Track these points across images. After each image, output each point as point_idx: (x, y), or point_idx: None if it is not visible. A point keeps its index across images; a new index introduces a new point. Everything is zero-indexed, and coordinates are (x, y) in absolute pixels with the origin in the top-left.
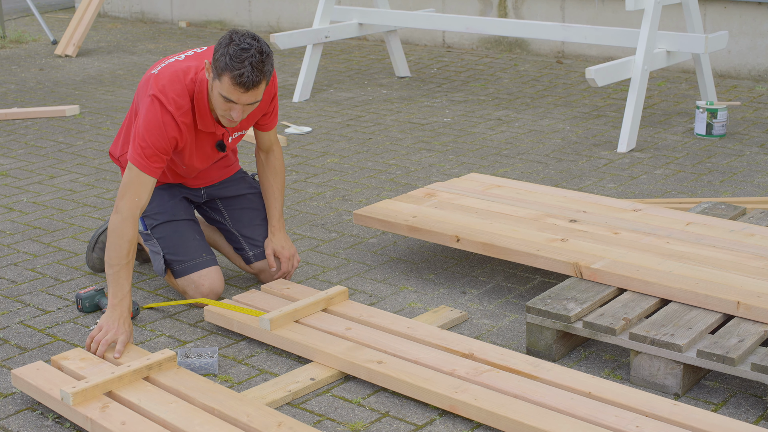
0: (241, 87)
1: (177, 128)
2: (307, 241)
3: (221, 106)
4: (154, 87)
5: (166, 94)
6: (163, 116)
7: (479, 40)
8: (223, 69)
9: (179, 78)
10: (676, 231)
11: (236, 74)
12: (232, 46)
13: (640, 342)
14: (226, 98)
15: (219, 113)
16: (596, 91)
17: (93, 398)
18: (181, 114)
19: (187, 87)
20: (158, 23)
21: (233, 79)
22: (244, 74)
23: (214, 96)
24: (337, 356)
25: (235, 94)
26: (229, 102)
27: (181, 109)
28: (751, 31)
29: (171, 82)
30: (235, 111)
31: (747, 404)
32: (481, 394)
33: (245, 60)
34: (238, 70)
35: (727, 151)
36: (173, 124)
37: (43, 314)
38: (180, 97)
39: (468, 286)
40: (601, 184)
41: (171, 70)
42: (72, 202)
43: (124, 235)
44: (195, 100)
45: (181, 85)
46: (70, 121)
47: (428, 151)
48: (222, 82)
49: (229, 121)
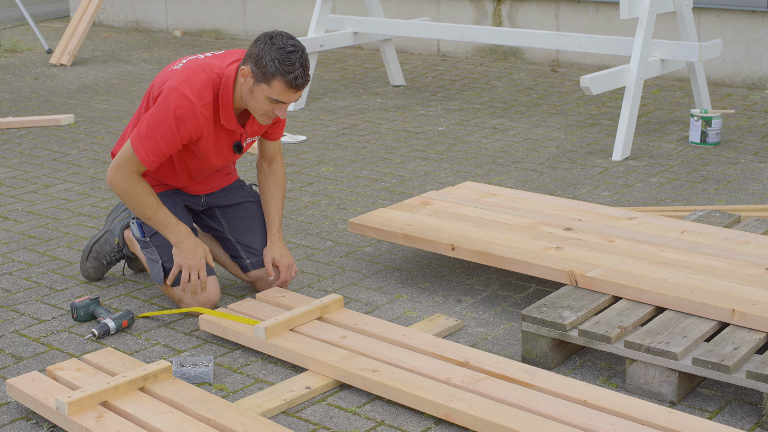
0: (295, 89)
1: (195, 120)
2: (303, 249)
3: (266, 107)
4: (177, 78)
5: (191, 84)
6: (181, 108)
7: (474, 49)
8: (273, 74)
9: (204, 71)
10: (671, 239)
11: (291, 78)
12: (276, 50)
13: (635, 350)
14: (275, 100)
15: (261, 113)
16: (591, 100)
17: (88, 408)
18: (203, 106)
19: (212, 80)
20: (153, 32)
21: (287, 83)
22: (298, 77)
23: (255, 99)
24: (333, 365)
25: (287, 95)
26: (277, 103)
27: (204, 100)
28: (745, 39)
29: (195, 74)
30: (280, 110)
31: (742, 412)
32: (476, 403)
33: (295, 62)
34: (292, 73)
35: (722, 159)
36: (193, 115)
37: (38, 323)
38: (204, 88)
39: (463, 294)
40: (595, 192)
41: (195, 64)
42: (67, 211)
43: (139, 193)
44: (220, 96)
45: (206, 77)
46: (65, 130)
47: (423, 160)
48: (272, 86)
49: (269, 118)
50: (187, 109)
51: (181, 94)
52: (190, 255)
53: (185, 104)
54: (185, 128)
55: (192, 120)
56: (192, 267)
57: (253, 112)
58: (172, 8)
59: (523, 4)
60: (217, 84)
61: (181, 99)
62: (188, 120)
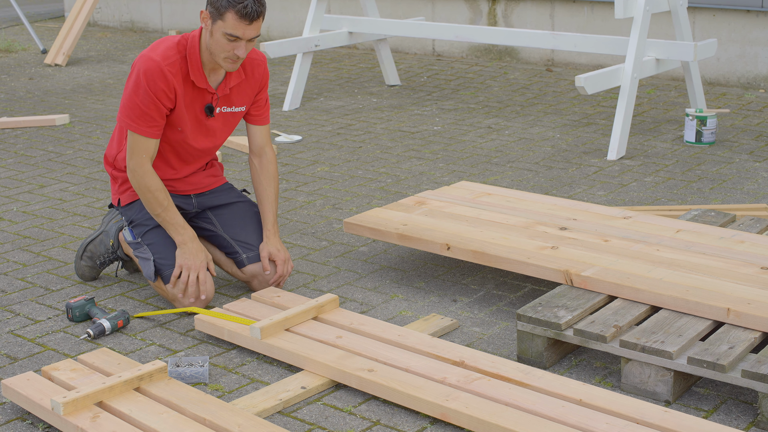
0: (246, 19)
1: (164, 78)
2: (298, 249)
3: (225, 47)
4: (143, 52)
5: (154, 49)
6: (148, 69)
7: (469, 49)
8: (225, 7)
9: (169, 38)
10: (666, 238)
11: (240, 7)
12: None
13: (630, 349)
14: (231, 36)
15: (223, 55)
16: (586, 99)
17: (84, 408)
18: (169, 64)
19: (177, 43)
20: (148, 32)
21: (238, 13)
22: (247, 5)
23: (215, 40)
24: (328, 364)
25: (241, 28)
26: (234, 40)
27: (169, 59)
28: (740, 38)
29: (160, 42)
30: (239, 48)
31: (738, 411)
32: (472, 402)
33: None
34: (241, 2)
35: (717, 158)
36: (160, 73)
37: (33, 324)
38: (168, 50)
39: (459, 294)
40: (591, 191)
41: (159, 40)
42: (62, 212)
43: (151, 187)
44: (187, 52)
45: (170, 42)
46: (60, 131)
47: (418, 160)
48: (226, 20)
49: (233, 62)
50: (154, 69)
51: (146, 58)
52: (192, 257)
53: (151, 65)
54: (157, 85)
55: (161, 77)
56: (192, 268)
57: (217, 57)
58: (167, 8)
59: (518, 4)
60: (183, 45)
61: (146, 62)
62: (157, 78)
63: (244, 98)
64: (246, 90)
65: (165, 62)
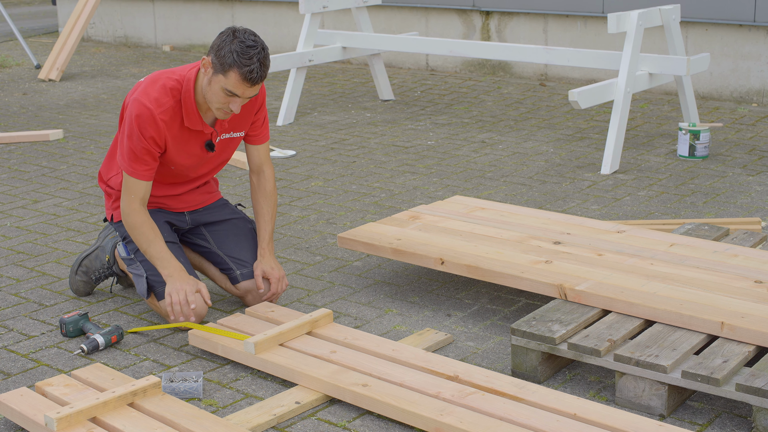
0: (249, 82)
1: (155, 125)
2: (292, 264)
3: (221, 99)
4: (137, 91)
5: (148, 94)
6: (140, 115)
7: (463, 63)
8: (230, 65)
9: (161, 79)
10: (660, 252)
11: (246, 70)
12: (237, 43)
13: (624, 363)
14: (230, 92)
15: (216, 106)
16: (579, 114)
17: (77, 424)
18: (161, 111)
19: (170, 87)
20: (142, 47)
21: (242, 75)
22: (253, 70)
23: (212, 90)
24: (322, 379)
25: (241, 88)
26: (232, 96)
27: (162, 106)
28: (732, 53)
29: (152, 82)
30: (235, 104)
31: (732, 425)
32: (466, 417)
33: (253, 57)
34: (247, 66)
35: (710, 172)
36: (152, 120)
37: (27, 339)
38: (161, 95)
39: (453, 308)
40: (584, 206)
41: (155, 75)
42: (56, 227)
43: (137, 225)
44: (182, 98)
45: (162, 85)
46: (53, 146)
47: (412, 174)
48: (228, 77)
49: (225, 113)
50: (147, 117)
51: (139, 103)
52: (180, 282)
53: (144, 112)
54: (148, 132)
55: (152, 126)
56: (180, 290)
57: (210, 104)
58: (161, 23)
59: (511, 18)
60: (178, 89)
61: (140, 108)
62: (149, 126)
63: (244, 122)
64: (244, 114)
65: (158, 110)
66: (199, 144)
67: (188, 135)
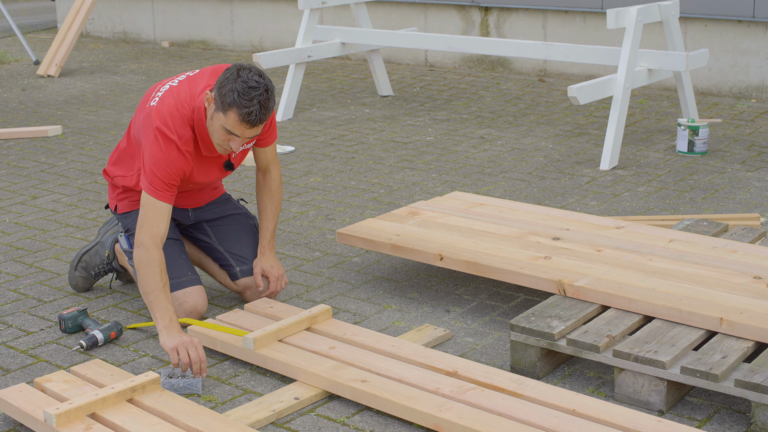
0: (248, 124)
1: (183, 158)
2: (291, 260)
3: (221, 137)
4: (156, 120)
5: (168, 126)
6: (167, 149)
7: (461, 59)
8: (230, 105)
9: (179, 110)
10: (659, 248)
11: (245, 112)
12: (239, 83)
13: (623, 359)
14: (229, 131)
15: (217, 142)
16: (578, 109)
17: (76, 420)
18: (184, 143)
19: (186, 118)
20: (141, 43)
21: (241, 116)
22: (252, 112)
23: (213, 126)
24: (321, 375)
25: (240, 129)
26: (231, 134)
27: (183, 138)
28: (731, 48)
29: (171, 115)
30: (234, 142)
31: (731, 420)
32: (465, 413)
33: (254, 98)
34: (247, 108)
35: (709, 168)
36: (178, 153)
37: (26, 335)
38: (181, 127)
39: (452, 304)
40: (583, 201)
41: (170, 102)
42: (54, 223)
43: (152, 263)
44: (196, 129)
45: (180, 116)
46: (52, 142)
47: (411, 170)
48: (227, 116)
49: (225, 150)
50: (174, 150)
51: (165, 137)
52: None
53: (170, 146)
54: (177, 164)
55: (180, 158)
56: (182, 344)
57: (212, 138)
58: (159, 19)
59: (510, 14)
60: (191, 119)
61: (166, 142)
62: (177, 158)
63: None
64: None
65: (181, 141)
66: (219, 166)
67: (208, 160)
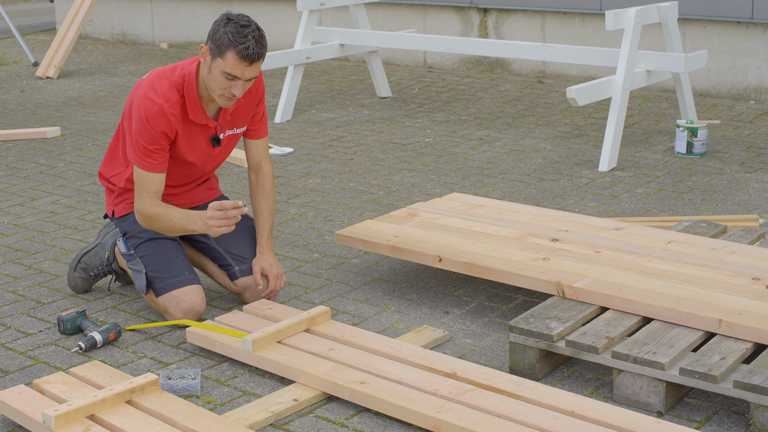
0: (246, 60)
1: (166, 120)
2: (290, 261)
3: (222, 85)
4: (143, 87)
5: (156, 90)
6: (150, 110)
7: (460, 61)
8: (227, 45)
9: (166, 75)
10: (658, 249)
11: (242, 48)
12: (231, 25)
13: (622, 360)
14: (229, 75)
15: (219, 93)
16: (577, 111)
17: (75, 421)
18: (171, 106)
19: (174, 82)
20: (140, 45)
21: (239, 53)
22: (249, 47)
23: (213, 76)
24: (320, 377)
25: (240, 68)
26: (232, 79)
27: (170, 101)
28: (730, 50)
29: (159, 79)
30: (236, 87)
31: (730, 422)
32: (464, 414)
33: (248, 35)
34: (243, 44)
35: (708, 169)
36: (162, 115)
37: (25, 337)
38: (169, 91)
39: (451, 305)
40: (582, 203)
41: (157, 71)
42: (53, 224)
43: (153, 214)
44: (185, 92)
45: (168, 81)
46: (51, 143)
47: (410, 171)
48: (226, 58)
49: (228, 99)
50: (157, 112)
51: (149, 99)
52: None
53: (153, 107)
54: (159, 127)
55: (163, 120)
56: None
57: (213, 93)
58: (158, 20)
59: (509, 16)
60: (181, 84)
61: (149, 104)
62: (159, 121)
63: (245, 117)
64: (245, 108)
65: (167, 104)
66: (205, 139)
67: (195, 130)
